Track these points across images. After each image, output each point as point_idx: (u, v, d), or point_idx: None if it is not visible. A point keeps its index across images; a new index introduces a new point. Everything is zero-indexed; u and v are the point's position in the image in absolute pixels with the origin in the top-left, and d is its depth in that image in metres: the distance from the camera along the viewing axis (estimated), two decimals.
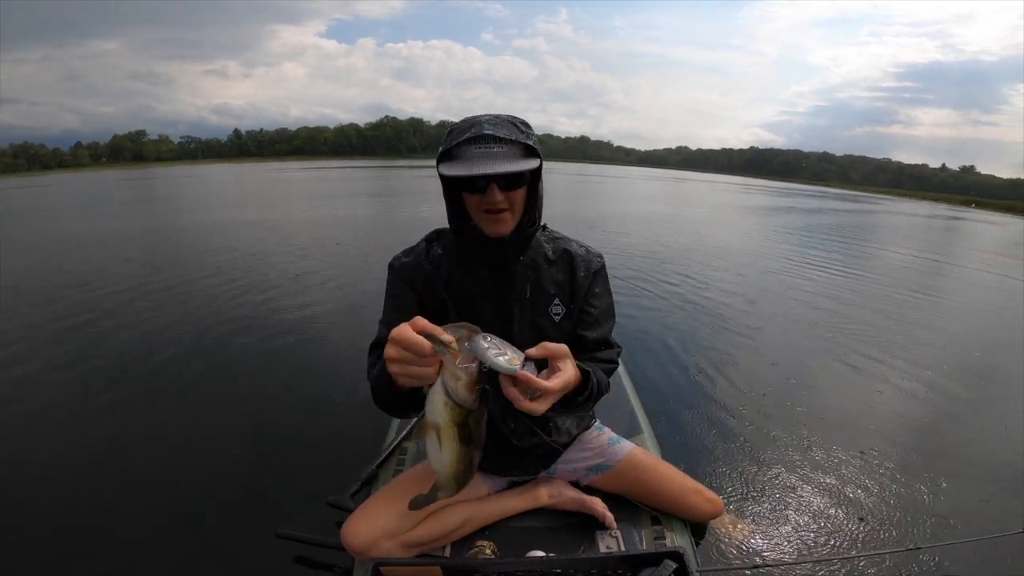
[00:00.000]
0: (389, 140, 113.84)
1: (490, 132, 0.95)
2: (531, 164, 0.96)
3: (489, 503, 1.29)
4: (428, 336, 0.59)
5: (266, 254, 6.08)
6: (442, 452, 0.61)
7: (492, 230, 1.02)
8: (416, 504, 0.83)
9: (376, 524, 1.14)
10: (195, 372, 2.85)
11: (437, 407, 0.60)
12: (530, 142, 0.98)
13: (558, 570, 1.04)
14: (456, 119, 1.04)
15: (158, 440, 2.17)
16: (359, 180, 23.93)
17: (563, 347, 0.85)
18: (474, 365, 0.58)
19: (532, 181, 1.02)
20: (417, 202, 12.95)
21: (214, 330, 3.48)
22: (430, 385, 0.63)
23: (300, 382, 2.73)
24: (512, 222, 1.03)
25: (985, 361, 3.45)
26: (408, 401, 0.84)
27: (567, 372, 0.83)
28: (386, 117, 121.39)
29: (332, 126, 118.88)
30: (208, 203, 13.57)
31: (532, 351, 0.79)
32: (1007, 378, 3.18)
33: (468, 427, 0.60)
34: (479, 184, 0.96)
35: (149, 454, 2.07)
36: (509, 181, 0.97)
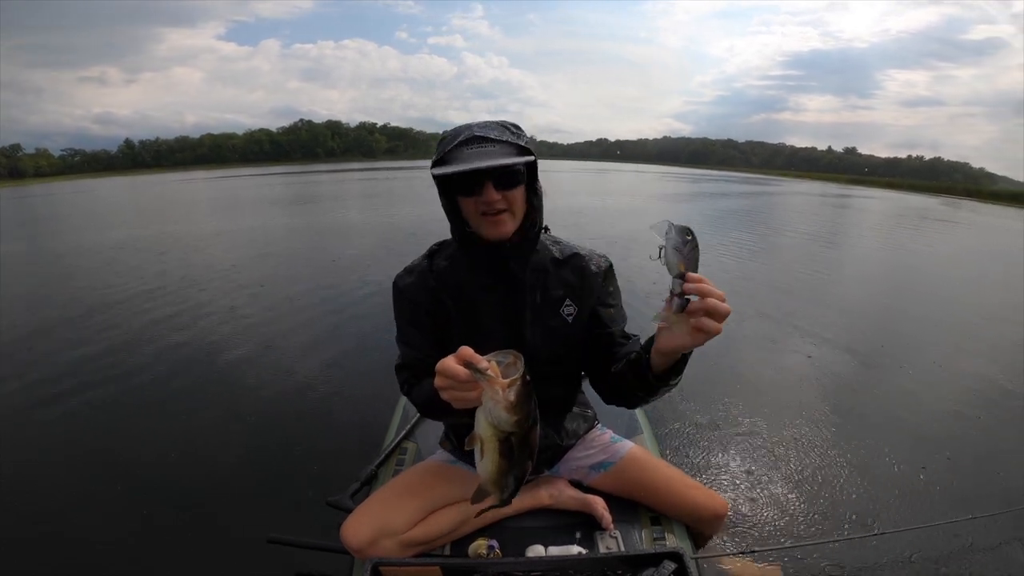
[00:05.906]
0: (305, 144, 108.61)
1: (480, 134, 0.95)
2: (525, 159, 0.94)
3: None
4: (467, 364, 0.65)
5: (255, 260, 6.14)
6: (483, 461, 0.68)
7: (491, 232, 0.98)
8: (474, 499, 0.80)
9: (375, 523, 1.10)
10: (194, 378, 2.88)
11: (481, 423, 0.66)
12: (522, 143, 0.96)
13: (557, 570, 1.00)
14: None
15: (159, 445, 2.19)
16: (291, 187, 21.83)
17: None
18: (511, 392, 0.63)
19: (530, 183, 1.00)
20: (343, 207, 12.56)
21: (211, 338, 3.50)
22: None
23: (300, 384, 2.76)
24: (512, 224, 0.99)
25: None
26: (462, 414, 0.79)
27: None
28: (300, 120, 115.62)
29: (240, 132, 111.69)
30: (140, 217, 12.97)
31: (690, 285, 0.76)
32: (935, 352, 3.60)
33: (510, 443, 0.66)
34: (474, 185, 0.93)
35: (151, 459, 2.09)
36: (505, 180, 0.94)
